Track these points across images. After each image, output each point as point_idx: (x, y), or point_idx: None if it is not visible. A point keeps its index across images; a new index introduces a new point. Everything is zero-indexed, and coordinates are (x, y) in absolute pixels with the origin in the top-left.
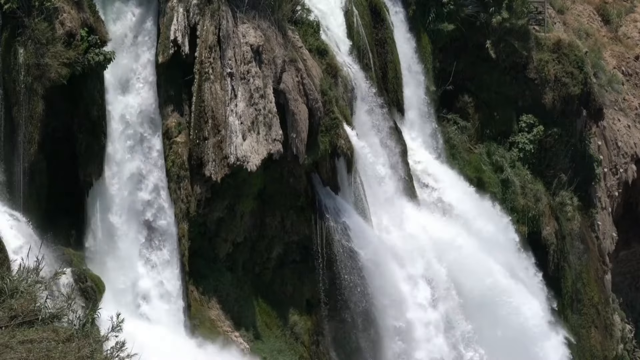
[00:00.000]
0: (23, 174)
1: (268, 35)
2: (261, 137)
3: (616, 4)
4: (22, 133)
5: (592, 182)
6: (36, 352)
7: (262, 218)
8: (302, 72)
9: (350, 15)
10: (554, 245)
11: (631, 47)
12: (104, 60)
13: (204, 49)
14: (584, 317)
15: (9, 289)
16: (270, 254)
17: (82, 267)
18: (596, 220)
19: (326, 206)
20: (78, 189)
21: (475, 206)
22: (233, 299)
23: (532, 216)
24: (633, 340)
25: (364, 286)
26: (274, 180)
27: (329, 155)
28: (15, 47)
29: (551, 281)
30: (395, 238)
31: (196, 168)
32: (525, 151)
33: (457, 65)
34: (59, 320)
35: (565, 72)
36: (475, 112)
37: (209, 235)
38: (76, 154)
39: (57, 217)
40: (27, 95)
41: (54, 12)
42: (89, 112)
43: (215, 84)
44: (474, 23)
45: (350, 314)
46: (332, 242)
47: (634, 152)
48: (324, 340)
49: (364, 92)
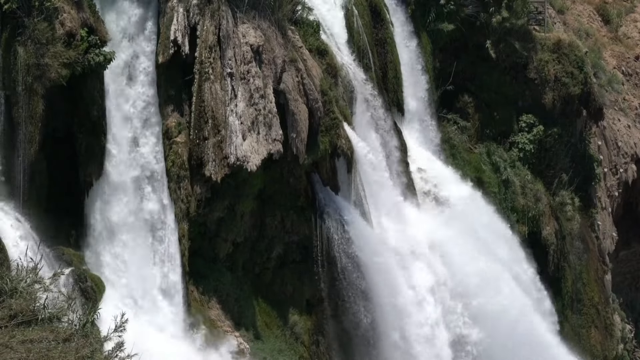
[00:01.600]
0: (23, 174)
1: (268, 35)
2: (261, 137)
3: (616, 4)
4: (22, 133)
5: (592, 182)
6: (36, 352)
7: (262, 218)
8: (302, 72)
9: (350, 15)
10: (554, 245)
11: (631, 47)
12: (104, 60)
13: (204, 49)
14: (584, 317)
15: (9, 288)
16: (270, 254)
17: (82, 267)
18: (596, 220)
19: (326, 206)
20: (78, 189)
21: (475, 206)
22: (233, 299)
23: (532, 216)
24: (633, 340)
25: (364, 286)
26: (274, 180)
27: (329, 155)
28: (15, 47)
29: (551, 281)
30: (395, 238)
31: (196, 168)
32: (525, 151)
33: (457, 65)
34: (59, 320)
35: (565, 72)
36: (475, 112)
37: (209, 235)
38: (76, 154)
39: (57, 217)
40: (27, 95)
41: (54, 12)
42: (89, 112)
43: (215, 84)
44: (474, 23)
45: (350, 314)
46: (332, 242)
47: (634, 152)
48: (324, 340)
49: (364, 92)
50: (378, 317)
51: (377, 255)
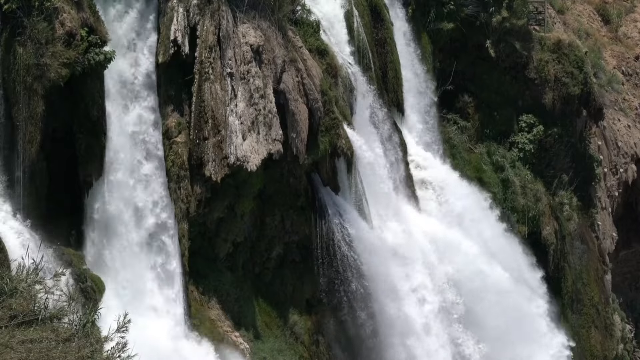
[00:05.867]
0: (23, 174)
1: (268, 36)
2: (261, 137)
3: (616, 4)
4: (22, 133)
5: (592, 182)
6: (36, 352)
7: (262, 218)
8: (302, 72)
9: (350, 15)
10: (554, 245)
11: (631, 47)
12: (104, 60)
13: (204, 49)
14: (584, 317)
15: (9, 288)
16: (270, 254)
17: (82, 267)
18: (596, 220)
19: (326, 206)
20: (78, 189)
21: (475, 206)
22: (233, 299)
23: (532, 216)
24: (633, 340)
25: (364, 286)
26: (274, 180)
27: (329, 155)
28: (15, 47)
29: (551, 281)
30: (395, 238)
31: (196, 168)
32: (525, 151)
33: (457, 65)
34: (59, 320)
35: (565, 72)
36: (475, 112)
37: (209, 235)
38: (76, 154)
39: (57, 217)
40: (27, 95)
41: (54, 12)
42: (89, 112)
43: (215, 84)
44: (474, 23)
45: (350, 314)
46: (332, 242)
47: (634, 152)
48: (324, 340)
49: (364, 92)
50: (378, 317)
51: (377, 255)
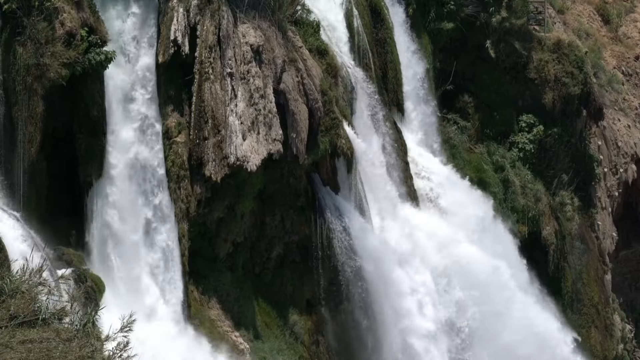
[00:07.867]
0: (23, 174)
1: (268, 35)
2: (261, 137)
3: (616, 4)
4: (22, 133)
5: (592, 182)
6: (36, 352)
7: (262, 218)
8: (302, 72)
9: (350, 15)
10: (554, 245)
11: (631, 47)
12: (104, 59)
13: (204, 49)
14: (584, 317)
15: (9, 289)
16: (270, 254)
17: (82, 267)
18: (596, 220)
19: (326, 206)
20: (78, 189)
21: (474, 206)
22: (233, 298)
23: (532, 216)
24: (633, 340)
25: (364, 286)
26: (274, 180)
27: (329, 155)
28: (15, 47)
29: (551, 281)
30: (395, 238)
31: (196, 168)
32: (525, 151)
33: (457, 65)
34: (60, 320)
35: (565, 72)
36: (475, 112)
37: (209, 235)
38: (76, 154)
39: (57, 217)
40: (27, 95)
41: (54, 12)
42: (89, 112)
43: (215, 84)
44: (474, 23)
45: (350, 314)
46: (332, 241)
47: (634, 152)
48: (324, 340)
49: (364, 92)
50: (378, 316)
51: (377, 255)
